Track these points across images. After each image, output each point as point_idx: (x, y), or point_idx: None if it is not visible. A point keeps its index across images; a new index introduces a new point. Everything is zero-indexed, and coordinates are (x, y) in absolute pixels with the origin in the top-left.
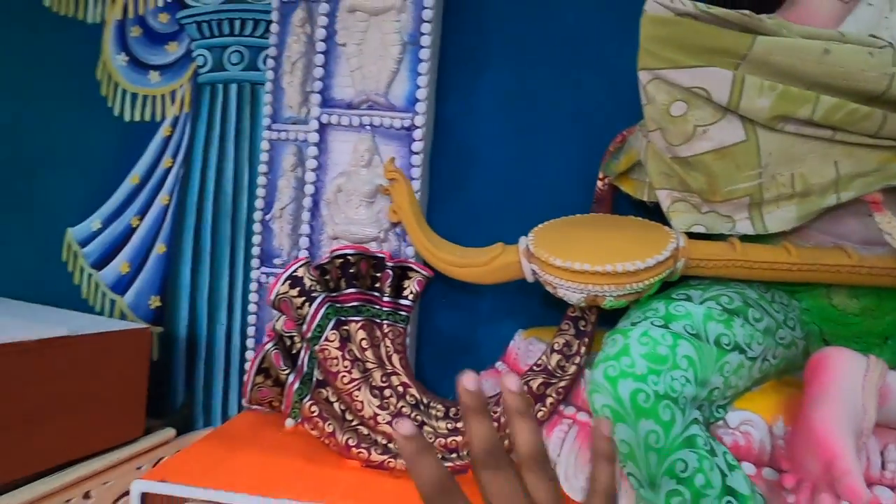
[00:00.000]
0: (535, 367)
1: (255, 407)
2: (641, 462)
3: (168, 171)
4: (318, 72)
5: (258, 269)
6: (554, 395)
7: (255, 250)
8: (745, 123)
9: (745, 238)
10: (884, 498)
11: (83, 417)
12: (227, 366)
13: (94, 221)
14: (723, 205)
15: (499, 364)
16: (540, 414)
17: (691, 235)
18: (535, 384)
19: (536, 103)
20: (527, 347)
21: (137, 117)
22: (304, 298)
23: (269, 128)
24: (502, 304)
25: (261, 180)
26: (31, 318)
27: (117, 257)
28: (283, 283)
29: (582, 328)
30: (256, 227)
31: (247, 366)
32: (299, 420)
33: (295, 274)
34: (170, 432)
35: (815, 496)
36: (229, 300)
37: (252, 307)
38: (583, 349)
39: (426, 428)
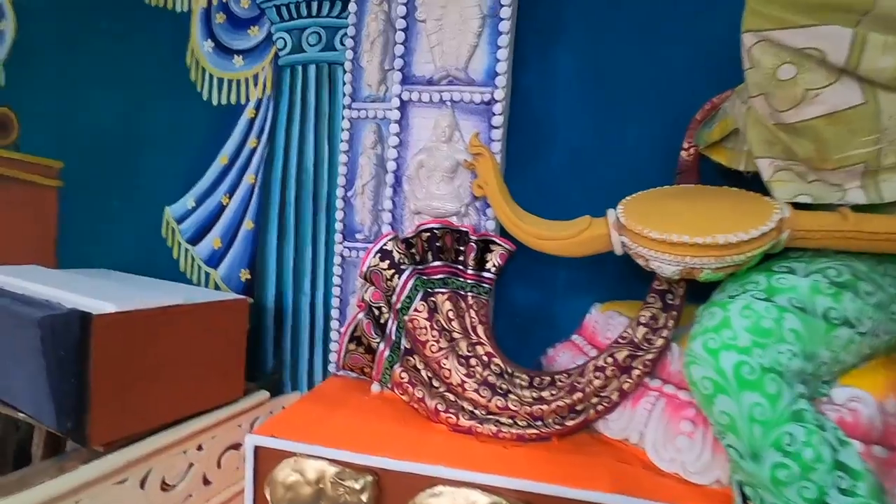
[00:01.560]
0: (620, 340)
1: (340, 373)
2: (744, 434)
3: (253, 151)
4: (399, 49)
5: (341, 243)
6: (640, 367)
7: (338, 225)
8: (864, 85)
9: (855, 208)
10: None
11: (193, 379)
12: (311, 334)
13: (188, 200)
14: (833, 173)
15: (575, 337)
16: (626, 386)
17: (795, 206)
18: (620, 356)
19: (614, 73)
20: (606, 321)
21: (224, 101)
22: (393, 271)
23: (348, 107)
24: (578, 277)
25: (342, 158)
26: (144, 287)
27: (210, 233)
28: (373, 256)
29: (669, 302)
30: (338, 204)
31: (332, 334)
32: (388, 386)
33: (385, 248)
34: (264, 394)
35: None
36: (312, 272)
37: (336, 279)
38: (670, 322)
39: (511, 396)
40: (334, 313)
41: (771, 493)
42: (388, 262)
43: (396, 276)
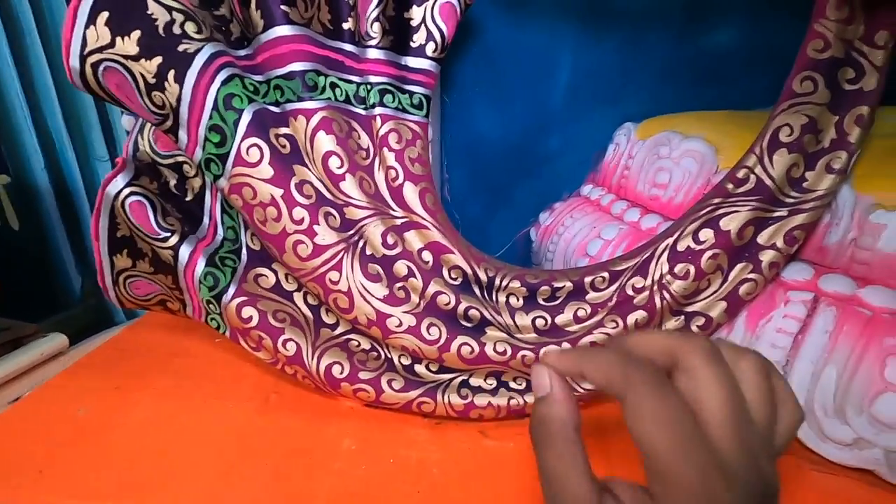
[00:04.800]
0: (731, 185)
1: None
2: None
3: None
4: None
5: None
6: (780, 243)
7: None
8: None
9: None
10: None
11: None
12: None
13: None
14: None
15: (589, 187)
16: (745, 288)
17: None
18: (734, 224)
19: None
20: (653, 152)
21: None
22: (159, 59)
23: None
24: (588, 78)
25: None
26: None
27: None
28: (87, 22)
29: (849, 86)
30: None
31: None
32: (225, 332)
33: None
34: (58, 341)
35: None
36: (101, 115)
37: (126, 120)
38: (854, 134)
39: (492, 332)
40: None
41: None
42: (136, 32)
43: (171, 73)
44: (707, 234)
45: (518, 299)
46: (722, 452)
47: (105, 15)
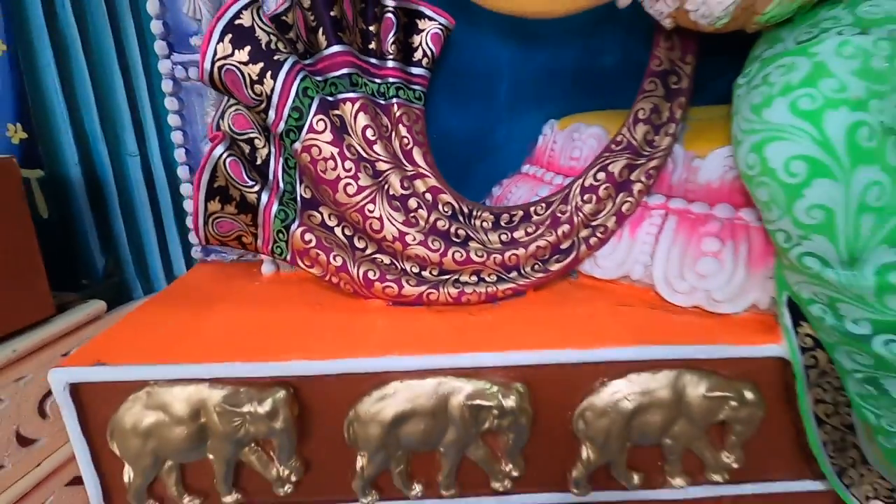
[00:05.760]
0: (613, 147)
1: (211, 258)
2: (845, 231)
3: None
4: None
5: (167, 57)
6: (643, 178)
7: (155, 27)
8: None
9: None
10: None
11: None
12: (155, 210)
13: None
14: None
15: (527, 167)
16: (626, 207)
17: None
18: (616, 168)
19: None
20: (568, 137)
21: None
22: (261, 65)
23: None
24: (524, 88)
25: None
26: None
27: None
28: (220, 40)
29: (674, 86)
30: None
31: (185, 204)
32: (285, 257)
33: (239, 22)
34: (97, 305)
35: None
36: (134, 116)
37: (173, 118)
38: (678, 113)
39: (472, 244)
40: (182, 172)
41: (866, 305)
42: (248, 47)
43: (268, 74)
44: (601, 176)
45: (488, 223)
46: None
47: (229, 36)
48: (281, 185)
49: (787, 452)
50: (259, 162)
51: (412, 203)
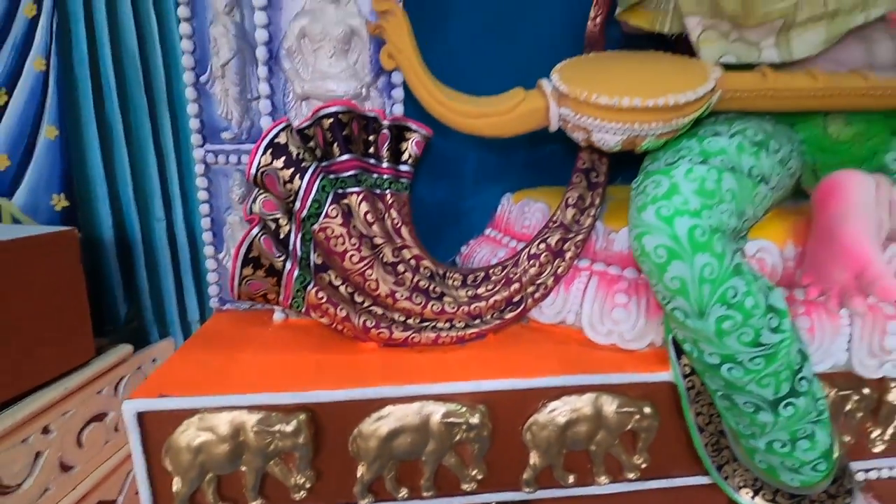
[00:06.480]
0: (551, 224)
1: (227, 307)
2: (693, 295)
3: (33, 22)
4: None
5: (201, 146)
6: (573, 248)
7: (193, 123)
8: None
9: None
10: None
11: (20, 344)
12: (175, 267)
13: None
14: (753, 30)
15: (490, 231)
16: (560, 270)
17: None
18: (553, 240)
19: None
20: (520, 210)
21: None
22: (292, 170)
23: None
24: (486, 168)
25: (183, 29)
26: None
27: None
28: (263, 153)
29: (594, 180)
30: (189, 94)
31: (208, 263)
32: (301, 310)
33: (277, 141)
34: (125, 349)
35: (844, 300)
36: (164, 189)
37: (201, 194)
38: (597, 201)
39: (446, 298)
40: (206, 237)
41: (712, 343)
42: (283, 158)
43: (297, 176)
44: (542, 246)
45: (458, 282)
46: None
47: (270, 150)
48: (299, 253)
49: (681, 454)
50: (282, 236)
51: (400, 268)
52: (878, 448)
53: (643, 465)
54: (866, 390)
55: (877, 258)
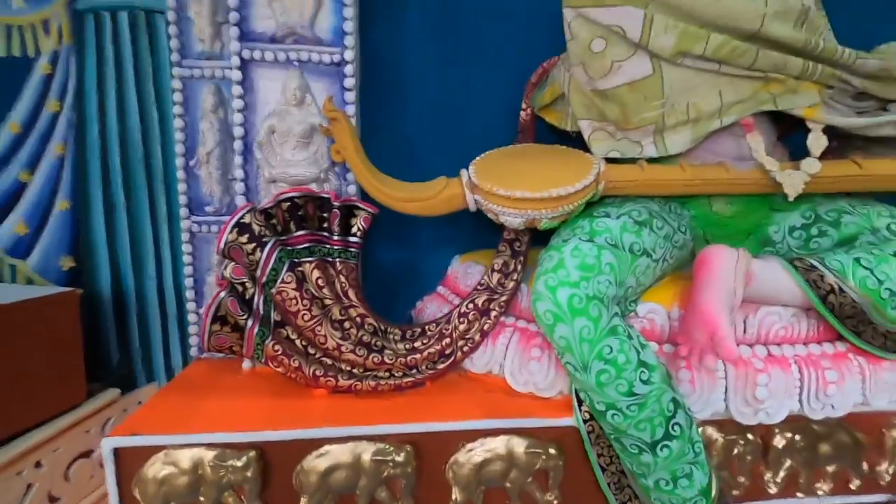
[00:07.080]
0: (479, 287)
1: (205, 356)
2: (577, 352)
3: (56, 115)
4: (232, 0)
5: (188, 218)
6: (497, 308)
7: (182, 199)
8: (652, 59)
9: (650, 160)
10: (744, 351)
11: (21, 389)
12: (163, 320)
13: None
14: (633, 132)
15: (440, 288)
16: (486, 326)
17: (608, 160)
18: (479, 301)
19: (464, 32)
20: (465, 271)
21: (3, 52)
22: (254, 244)
23: (178, 64)
24: (439, 233)
25: (177, 123)
26: None
27: (9, 217)
28: (230, 232)
29: (517, 249)
30: (180, 175)
31: (190, 317)
32: (262, 360)
33: (242, 221)
34: (113, 392)
35: (701, 358)
36: (157, 253)
37: (186, 258)
38: (519, 267)
39: (386, 351)
40: (189, 294)
41: (597, 393)
42: (247, 235)
43: (258, 249)
44: (471, 306)
45: (397, 337)
46: None
47: (236, 229)
48: (261, 311)
49: (590, 492)
50: (248, 297)
51: (346, 325)
52: (773, 490)
53: (555, 502)
54: (750, 436)
55: (724, 323)
